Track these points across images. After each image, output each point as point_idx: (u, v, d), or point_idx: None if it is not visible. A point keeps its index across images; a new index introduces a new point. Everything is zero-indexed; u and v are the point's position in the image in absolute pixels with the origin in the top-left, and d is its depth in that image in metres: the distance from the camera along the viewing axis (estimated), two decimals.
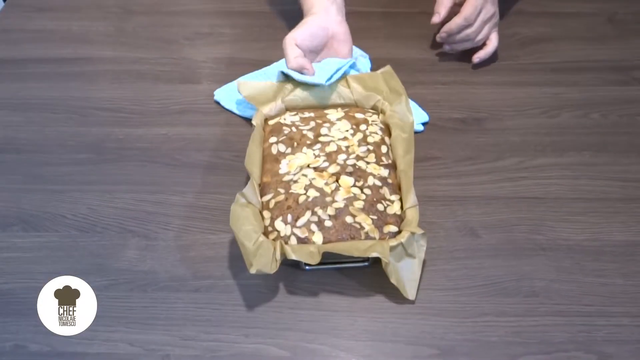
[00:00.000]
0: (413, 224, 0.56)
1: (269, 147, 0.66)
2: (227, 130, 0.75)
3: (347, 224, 0.57)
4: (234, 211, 0.56)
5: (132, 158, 0.72)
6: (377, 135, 0.66)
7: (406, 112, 0.66)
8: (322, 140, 0.65)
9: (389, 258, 0.54)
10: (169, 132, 0.75)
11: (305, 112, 0.70)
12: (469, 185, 0.67)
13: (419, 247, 0.56)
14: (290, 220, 0.58)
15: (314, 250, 0.55)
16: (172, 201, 0.66)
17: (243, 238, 0.54)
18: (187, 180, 0.68)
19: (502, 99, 0.78)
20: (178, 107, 0.78)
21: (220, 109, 0.78)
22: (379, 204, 0.59)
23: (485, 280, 0.59)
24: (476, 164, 0.70)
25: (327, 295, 0.58)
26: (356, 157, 0.63)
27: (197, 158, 0.71)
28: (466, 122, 0.75)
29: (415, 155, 0.63)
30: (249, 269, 0.53)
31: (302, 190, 0.60)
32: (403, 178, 0.61)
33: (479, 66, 0.82)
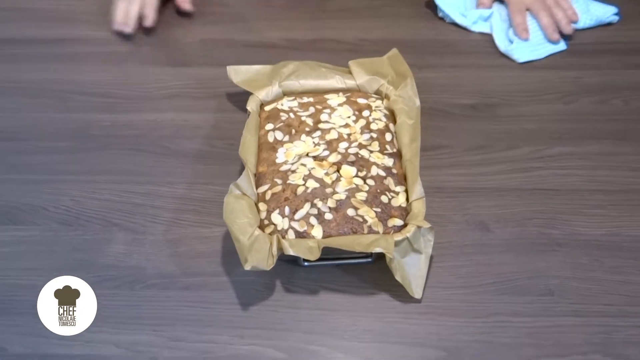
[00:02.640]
0: (419, 217, 0.56)
1: (265, 135, 0.65)
2: (220, 116, 0.74)
3: (348, 217, 0.57)
4: (228, 203, 0.55)
5: (118, 146, 0.71)
6: (381, 121, 0.66)
7: (412, 96, 0.66)
8: (322, 127, 0.65)
9: (394, 253, 0.54)
10: (158, 119, 0.74)
11: (304, 97, 0.69)
12: (479, 176, 0.67)
13: (426, 242, 0.56)
14: (288, 212, 0.57)
15: (313, 245, 0.54)
16: (161, 192, 0.66)
17: (237, 232, 0.54)
18: (177, 170, 0.68)
19: (516, 83, 0.78)
20: (167, 92, 0.78)
21: (212, 93, 0.77)
22: (383, 195, 0.59)
23: (497, 278, 0.58)
24: (487, 153, 0.69)
25: (327, 293, 0.58)
26: (358, 146, 0.63)
27: (187, 146, 0.71)
28: (477, 108, 0.75)
29: (422, 144, 0.63)
30: (244, 265, 0.53)
31: (300, 180, 0.59)
32: (409, 168, 0.61)
33: (493, 48, 0.81)
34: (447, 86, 0.77)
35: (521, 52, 0.79)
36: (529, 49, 0.80)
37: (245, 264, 0.53)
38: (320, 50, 0.81)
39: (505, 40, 0.81)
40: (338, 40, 0.83)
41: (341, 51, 0.81)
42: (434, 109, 0.75)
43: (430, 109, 0.74)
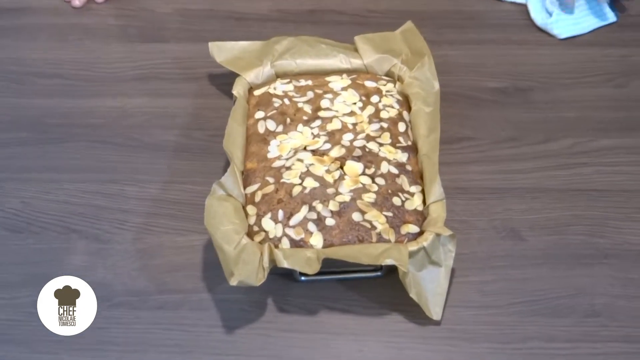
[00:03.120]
0: (438, 223, 0.56)
1: (255, 125, 0.65)
2: (201, 102, 0.74)
3: (354, 223, 0.57)
4: (210, 206, 0.56)
5: (79, 138, 0.71)
6: (392, 109, 0.66)
7: (430, 78, 0.66)
8: (323, 115, 0.65)
9: (408, 266, 0.54)
10: (126, 105, 0.74)
11: (302, 80, 0.70)
12: (510, 173, 0.67)
13: (446, 252, 0.56)
14: (282, 217, 0.57)
15: (311, 256, 0.54)
16: (130, 193, 0.66)
17: (221, 240, 0.54)
18: (149, 166, 0.68)
19: (554, 62, 0.78)
20: (138, 73, 0.78)
21: (191, 75, 0.77)
22: (395, 197, 0.59)
23: (531, 296, 0.58)
24: (520, 146, 0.70)
25: (329, 313, 0.57)
26: (366, 137, 0.63)
27: (162, 138, 0.71)
28: (507, 92, 0.75)
29: (442, 135, 0.63)
30: (229, 280, 0.53)
31: (296, 179, 0.60)
32: (426, 164, 0.61)
33: (527, 21, 0.81)
34: (472, 66, 0.77)
35: (562, 26, 0.79)
36: (572, 21, 0.80)
37: (230, 278, 0.53)
38: (320, 23, 0.82)
39: (542, 11, 0.81)
40: (341, 11, 0.83)
41: (345, 24, 0.82)
42: (456, 93, 0.75)
43: (452, 94, 0.74)
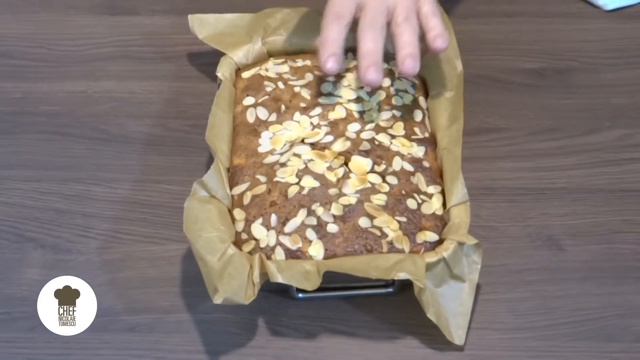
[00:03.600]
0: (461, 230, 0.56)
1: (243, 113, 0.65)
2: (179, 86, 0.74)
3: (360, 230, 0.57)
4: (190, 209, 0.56)
5: (34, 128, 0.71)
6: (407, 94, 0.66)
7: (452, 58, 0.66)
8: (324, 102, 0.65)
9: (425, 281, 0.54)
10: (90, 89, 0.74)
11: (299, 60, 0.70)
12: (547, 171, 0.67)
13: (471, 264, 0.56)
14: (275, 223, 0.58)
15: (310, 268, 0.54)
16: (95, 194, 0.66)
17: (203, 250, 0.54)
18: (117, 162, 0.68)
19: (601, 39, 0.78)
20: (103, 51, 0.77)
21: (168, 53, 0.77)
22: (409, 199, 0.59)
23: (573, 316, 0.58)
24: (559, 138, 0.70)
25: (331, 337, 0.57)
26: (375, 128, 0.63)
27: (132, 129, 0.71)
28: (544, 74, 0.75)
29: (466, 126, 0.62)
30: (213, 298, 0.52)
31: (293, 177, 0.60)
32: (447, 160, 0.61)
33: None
34: (502, 43, 0.77)
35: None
36: None
37: (214, 295, 0.53)
38: None
39: None
40: None
41: None
42: (483, 76, 0.75)
43: (478, 76, 0.74)
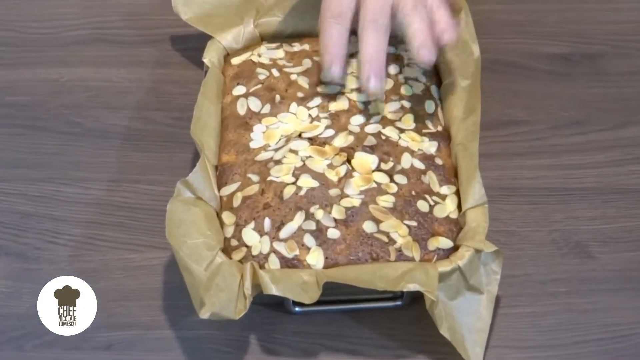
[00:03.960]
0: (478, 236, 0.55)
1: (233, 104, 0.64)
2: (162, 73, 0.73)
3: (365, 235, 0.56)
4: (174, 212, 0.55)
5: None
6: (417, 82, 0.65)
7: (468, 41, 0.65)
8: (324, 91, 0.64)
9: (438, 293, 0.53)
10: (62, 77, 0.73)
11: (296, 44, 0.68)
12: (574, 169, 0.66)
13: (489, 274, 0.55)
14: (269, 227, 0.57)
15: (309, 279, 0.53)
16: (67, 195, 0.65)
17: (188, 259, 0.53)
18: (92, 159, 0.68)
19: (635, 20, 0.76)
20: (78, 34, 0.76)
21: (149, 37, 0.75)
22: (420, 200, 0.58)
23: (604, 332, 0.57)
24: (588, 132, 0.69)
25: (332, 355, 0.56)
26: (382, 121, 0.62)
27: (109, 122, 0.70)
28: (572, 60, 0.73)
29: (484, 118, 0.60)
30: (199, 312, 0.51)
31: (289, 177, 0.58)
32: (462, 157, 0.60)
33: None
34: (524, 25, 0.76)
35: None
36: None
37: (200, 309, 0.51)
38: None
39: None
40: None
41: None
42: (503, 61, 0.74)
43: (497, 62, 0.73)
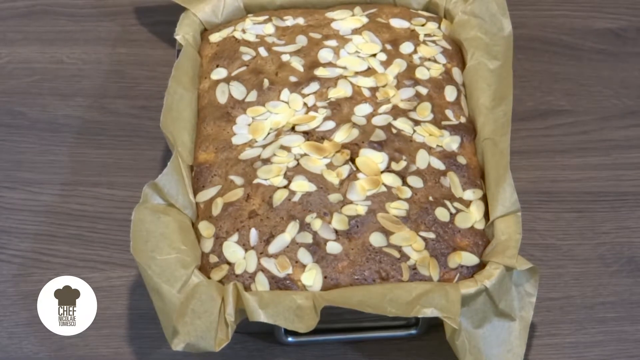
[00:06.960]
0: (510, 250, 0.53)
1: (212, 90, 0.64)
2: (124, 53, 0.72)
3: (372, 250, 0.54)
4: (141, 222, 0.54)
5: None
6: (436, 64, 0.64)
7: (497, 14, 0.64)
8: (323, 74, 0.62)
9: (460, 320, 0.51)
10: (2, 58, 0.71)
11: (288, 17, 0.68)
12: (628, 169, 0.66)
13: (523, 297, 0.54)
14: (256, 241, 0.55)
15: (304, 303, 0.52)
16: (11, 202, 0.65)
17: (158, 278, 0.52)
18: (40, 157, 0.67)
19: None
20: (22, 7, 0.74)
21: (109, 9, 0.74)
22: (439, 207, 0.56)
23: None
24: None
25: None
26: (393, 111, 0.60)
27: (60, 112, 0.69)
28: (625, 37, 0.72)
29: (517, 108, 0.61)
30: (171, 343, 0.50)
31: (280, 179, 0.57)
32: (491, 155, 0.59)
33: None
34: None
35: None
36: None
37: (173, 339, 0.50)
38: None
39: None
40: None
41: None
42: (541, 39, 0.73)
43: (534, 40, 0.72)
